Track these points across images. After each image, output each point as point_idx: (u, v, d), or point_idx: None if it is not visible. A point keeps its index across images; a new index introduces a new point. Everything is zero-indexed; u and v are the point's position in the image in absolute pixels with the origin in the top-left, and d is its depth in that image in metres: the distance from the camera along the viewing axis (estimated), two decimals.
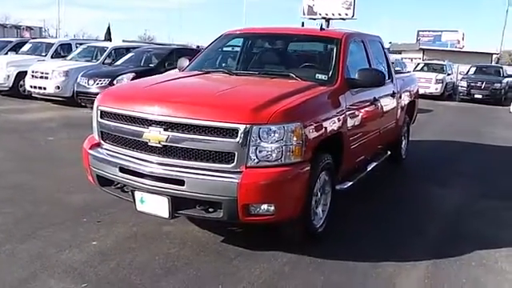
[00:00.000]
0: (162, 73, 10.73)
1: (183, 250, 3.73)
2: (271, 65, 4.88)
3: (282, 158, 3.32)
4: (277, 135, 3.28)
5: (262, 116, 3.29)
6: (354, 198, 4.87)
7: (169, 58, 11.90)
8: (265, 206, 3.32)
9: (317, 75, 4.39)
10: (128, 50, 13.73)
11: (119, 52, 13.68)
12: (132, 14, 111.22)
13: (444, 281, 3.46)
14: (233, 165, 3.30)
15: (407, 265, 3.65)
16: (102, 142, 3.90)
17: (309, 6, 26.67)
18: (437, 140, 9.28)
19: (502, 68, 21.41)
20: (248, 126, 3.24)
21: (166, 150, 3.45)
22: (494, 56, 37.90)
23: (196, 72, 4.73)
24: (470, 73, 20.65)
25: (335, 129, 3.95)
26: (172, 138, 3.39)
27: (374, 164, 5.39)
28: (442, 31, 50.77)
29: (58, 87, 11.61)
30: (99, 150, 3.89)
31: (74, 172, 5.69)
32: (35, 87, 11.91)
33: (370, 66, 5.23)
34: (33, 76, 11.94)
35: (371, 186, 5.47)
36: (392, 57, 9.50)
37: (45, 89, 11.71)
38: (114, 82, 10.50)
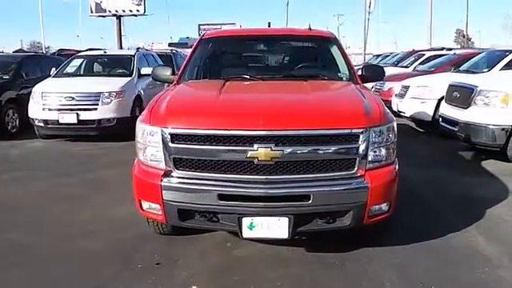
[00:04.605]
0: (21, 84, 9.18)
1: (287, 267, 3.52)
2: (287, 67, 4.84)
3: (388, 157, 3.44)
4: (384, 135, 3.39)
5: (374, 118, 3.36)
6: None
7: (23, 67, 10.09)
8: (383, 206, 3.41)
9: (338, 74, 4.57)
10: None
11: None
12: None
13: (500, 234, 4.11)
14: (354, 170, 3.29)
15: (457, 233, 4.13)
16: (175, 169, 3.33)
17: (96, 3, 25.72)
18: None
19: None
20: (366, 129, 3.27)
21: (278, 167, 3.20)
22: None
23: (217, 81, 4.29)
24: None
25: None
26: (288, 152, 3.16)
27: None
28: (221, 24, 52.43)
29: None
30: (174, 179, 3.32)
31: (48, 215, 4.77)
32: None
33: None
34: None
35: None
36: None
37: None
38: None
